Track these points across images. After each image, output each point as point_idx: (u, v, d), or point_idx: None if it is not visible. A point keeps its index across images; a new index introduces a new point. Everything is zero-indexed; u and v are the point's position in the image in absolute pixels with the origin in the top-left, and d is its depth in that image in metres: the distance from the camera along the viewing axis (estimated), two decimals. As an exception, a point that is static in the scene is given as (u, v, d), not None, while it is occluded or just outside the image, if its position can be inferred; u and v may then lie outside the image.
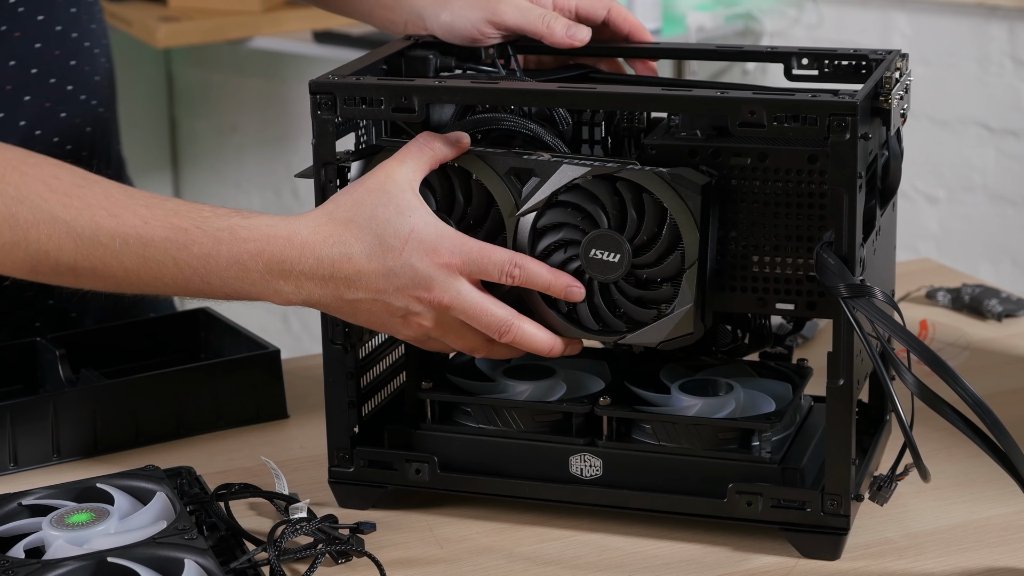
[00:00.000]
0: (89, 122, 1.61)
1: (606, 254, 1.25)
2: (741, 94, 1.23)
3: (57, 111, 1.57)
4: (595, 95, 1.29)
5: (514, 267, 1.25)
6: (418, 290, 1.24)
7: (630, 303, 1.27)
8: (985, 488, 1.37)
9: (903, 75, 1.33)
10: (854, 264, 1.23)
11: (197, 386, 1.53)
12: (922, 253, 3.60)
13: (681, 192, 1.23)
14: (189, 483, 1.35)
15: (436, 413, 1.37)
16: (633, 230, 1.25)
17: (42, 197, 1.26)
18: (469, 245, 1.25)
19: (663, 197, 1.24)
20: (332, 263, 1.24)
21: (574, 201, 1.26)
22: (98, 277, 1.28)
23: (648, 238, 1.25)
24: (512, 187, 1.27)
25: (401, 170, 1.26)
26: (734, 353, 1.41)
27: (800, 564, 1.28)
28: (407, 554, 1.31)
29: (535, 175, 1.27)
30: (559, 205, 1.27)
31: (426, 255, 1.24)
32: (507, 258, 1.25)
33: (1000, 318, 1.78)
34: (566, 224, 1.27)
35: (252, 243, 1.25)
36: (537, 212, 1.27)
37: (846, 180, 1.22)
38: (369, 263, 1.24)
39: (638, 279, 1.27)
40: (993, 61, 3.59)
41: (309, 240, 1.24)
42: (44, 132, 1.56)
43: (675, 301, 1.25)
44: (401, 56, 1.43)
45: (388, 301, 1.25)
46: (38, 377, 1.57)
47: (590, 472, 1.33)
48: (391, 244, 1.24)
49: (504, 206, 1.28)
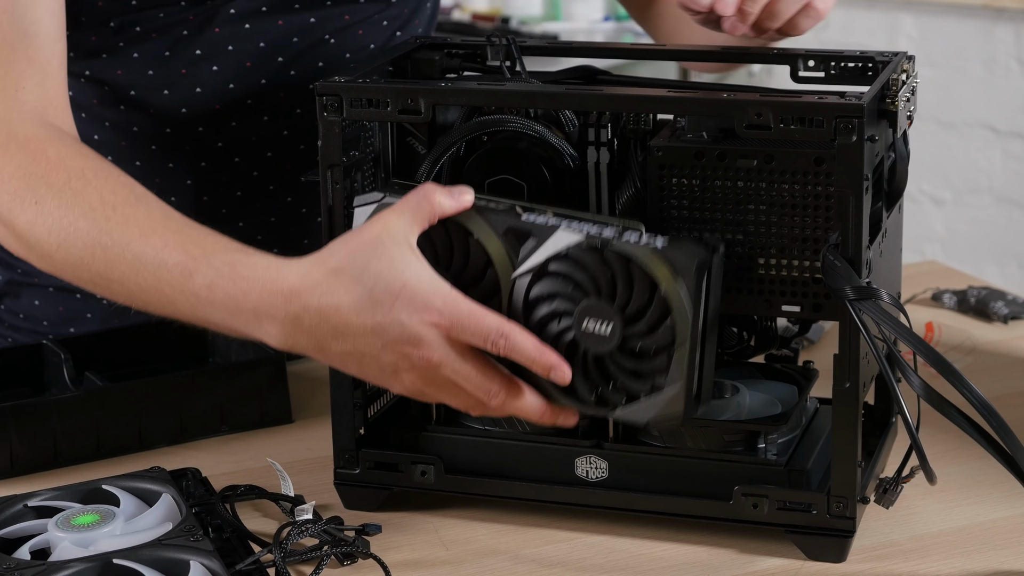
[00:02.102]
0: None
1: (598, 325, 1.20)
2: (748, 96, 1.23)
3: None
4: (601, 97, 1.29)
5: (500, 337, 1.20)
6: (407, 347, 1.20)
7: (624, 375, 1.22)
8: (991, 491, 1.37)
9: (910, 77, 1.33)
10: (860, 266, 1.22)
11: (200, 391, 1.52)
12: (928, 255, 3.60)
13: (674, 271, 1.18)
14: (194, 485, 1.35)
15: (442, 415, 1.37)
16: (624, 299, 1.20)
17: (92, 207, 1.30)
18: (459, 307, 1.20)
19: (656, 273, 1.19)
20: (319, 312, 1.21)
21: (565, 271, 1.21)
22: (124, 292, 1.30)
23: (639, 307, 1.20)
24: (510, 247, 1.23)
25: (399, 223, 1.22)
26: (740, 355, 1.41)
27: (806, 566, 1.28)
28: (413, 556, 1.31)
29: (532, 236, 1.22)
30: (551, 275, 1.22)
31: (416, 312, 1.19)
32: (494, 327, 1.20)
33: (1006, 320, 1.78)
34: (558, 294, 1.22)
35: (245, 282, 1.23)
36: (530, 280, 1.22)
37: (853, 182, 1.21)
38: (357, 317, 1.20)
39: (632, 350, 1.21)
40: (999, 63, 3.59)
41: (297, 286, 1.21)
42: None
43: (666, 377, 1.20)
44: (407, 58, 1.43)
45: (377, 356, 1.21)
46: (45, 380, 1.58)
47: (596, 474, 1.33)
48: (381, 299, 1.20)
49: (500, 267, 1.23)
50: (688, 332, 1.18)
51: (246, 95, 1.59)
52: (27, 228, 1.33)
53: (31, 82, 1.38)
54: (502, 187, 1.35)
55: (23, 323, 1.68)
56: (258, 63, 1.58)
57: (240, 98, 1.59)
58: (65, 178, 1.32)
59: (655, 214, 1.30)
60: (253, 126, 1.61)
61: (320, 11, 1.59)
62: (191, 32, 1.55)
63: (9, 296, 1.69)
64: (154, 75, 1.57)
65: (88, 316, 1.67)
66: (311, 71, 1.60)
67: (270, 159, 1.63)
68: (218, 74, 1.57)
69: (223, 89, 1.58)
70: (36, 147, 1.34)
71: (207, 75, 1.57)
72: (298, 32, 1.58)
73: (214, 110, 1.58)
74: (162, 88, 1.57)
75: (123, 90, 1.58)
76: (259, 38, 1.57)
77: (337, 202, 1.32)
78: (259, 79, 1.59)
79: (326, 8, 1.59)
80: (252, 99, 1.59)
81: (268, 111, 1.60)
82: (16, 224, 1.33)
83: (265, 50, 1.58)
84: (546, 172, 1.35)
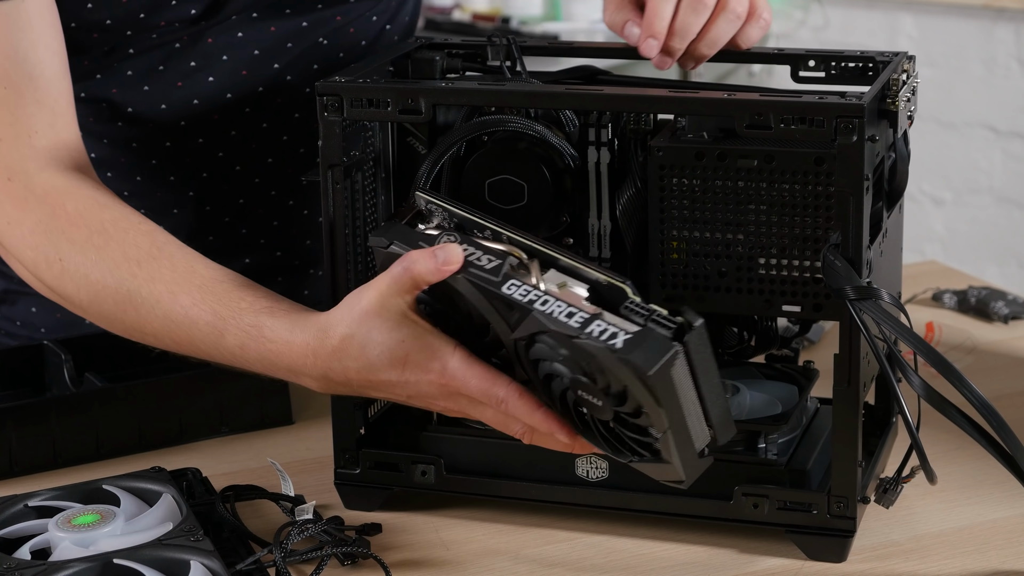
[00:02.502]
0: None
1: (589, 397, 1.17)
2: (748, 96, 1.23)
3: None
4: (602, 97, 1.29)
5: (499, 403, 1.22)
6: (429, 400, 1.25)
7: (628, 440, 1.18)
8: (991, 490, 1.37)
9: (910, 77, 1.33)
10: (861, 266, 1.22)
11: (201, 392, 1.52)
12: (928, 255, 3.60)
13: (636, 374, 1.12)
14: (195, 485, 1.35)
15: (442, 415, 1.37)
16: (603, 384, 1.15)
17: (116, 264, 1.33)
18: (456, 375, 1.22)
19: (619, 376, 1.13)
20: (343, 372, 1.25)
21: (550, 345, 1.18)
22: (162, 343, 1.35)
23: (618, 393, 1.15)
24: (502, 311, 1.19)
25: (389, 294, 1.23)
26: (740, 355, 1.41)
27: (806, 566, 1.28)
28: (413, 556, 1.31)
29: (514, 309, 1.19)
30: (539, 343, 1.18)
31: (424, 374, 1.23)
32: (493, 395, 1.21)
33: (1006, 320, 1.78)
34: (553, 359, 1.18)
35: (273, 344, 1.28)
36: (524, 344, 1.19)
37: (853, 182, 1.21)
38: (376, 375, 1.25)
39: (626, 423, 1.17)
40: (1000, 63, 3.59)
41: (317, 350, 1.26)
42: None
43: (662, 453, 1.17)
44: (407, 58, 1.43)
45: (409, 399, 1.26)
46: (45, 381, 1.57)
47: (596, 474, 1.33)
48: (391, 366, 1.24)
49: (499, 328, 1.21)
50: (667, 423, 1.14)
51: (244, 103, 1.59)
52: (56, 284, 1.36)
53: (42, 125, 1.39)
54: (503, 187, 1.35)
55: (20, 330, 1.68)
56: (254, 70, 1.58)
57: (238, 106, 1.59)
58: (86, 234, 1.34)
59: (655, 214, 1.30)
60: (253, 133, 1.61)
61: (311, 15, 1.58)
62: (184, 45, 1.55)
63: (5, 303, 1.69)
64: (150, 90, 1.57)
65: (86, 323, 1.67)
66: (307, 74, 1.60)
67: (271, 164, 1.63)
68: (214, 84, 1.57)
69: (220, 99, 1.58)
70: (55, 201, 1.36)
71: (203, 86, 1.57)
72: (291, 37, 1.58)
73: (213, 120, 1.58)
74: (159, 103, 1.57)
75: (120, 107, 1.57)
76: (253, 45, 1.57)
77: (338, 202, 1.32)
78: (256, 86, 1.59)
79: (317, 12, 1.58)
80: (250, 106, 1.59)
81: (267, 117, 1.60)
82: (44, 280, 1.37)
83: (260, 57, 1.58)
84: (546, 172, 1.35)
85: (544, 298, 1.17)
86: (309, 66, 1.60)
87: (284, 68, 1.59)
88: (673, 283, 1.31)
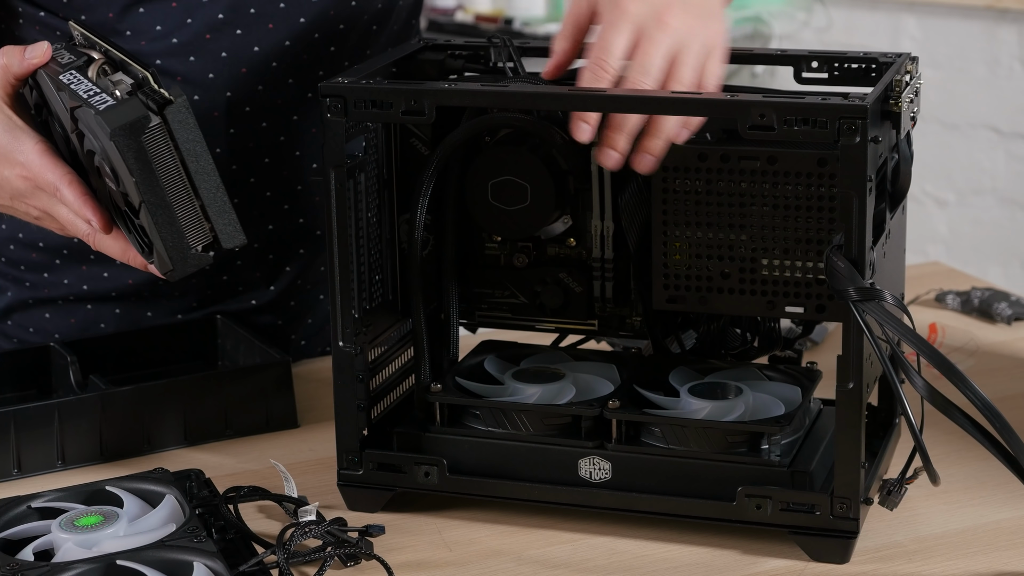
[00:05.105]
0: None
1: (109, 182, 1.27)
2: (751, 97, 1.23)
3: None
4: (605, 98, 1.29)
5: (55, 190, 1.34)
6: (23, 199, 1.37)
7: (136, 231, 1.29)
8: (995, 492, 1.37)
9: (913, 78, 1.33)
10: (864, 267, 1.22)
11: (204, 395, 1.52)
12: (931, 256, 3.60)
13: (109, 134, 1.22)
14: (198, 486, 1.35)
15: (445, 416, 1.38)
16: (108, 162, 1.26)
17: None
18: (31, 163, 1.34)
19: (102, 139, 1.23)
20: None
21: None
22: None
23: (112, 166, 1.26)
24: (67, 103, 1.29)
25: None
26: (743, 356, 1.41)
27: (809, 568, 1.28)
28: (416, 557, 1.31)
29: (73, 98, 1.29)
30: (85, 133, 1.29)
31: (11, 168, 1.36)
32: (51, 180, 1.34)
33: (1009, 321, 1.78)
34: (95, 150, 1.28)
35: None
36: (78, 137, 1.30)
37: (856, 183, 1.21)
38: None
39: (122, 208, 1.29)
40: (1003, 64, 3.59)
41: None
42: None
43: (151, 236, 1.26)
44: (411, 59, 1.43)
45: (12, 200, 1.38)
46: (52, 383, 1.58)
47: (599, 475, 1.33)
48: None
49: (67, 124, 1.31)
50: (139, 195, 1.21)
51: (244, 102, 1.59)
52: None
53: None
54: (506, 188, 1.35)
55: (33, 337, 1.68)
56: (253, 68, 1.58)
57: (238, 105, 1.58)
58: None
59: (658, 215, 1.30)
60: (251, 133, 1.60)
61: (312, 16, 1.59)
62: (182, 41, 1.55)
63: (18, 311, 1.69)
64: None
65: (101, 326, 1.67)
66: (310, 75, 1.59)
67: (267, 165, 1.63)
68: (214, 81, 1.57)
69: (220, 97, 1.58)
70: None
71: (203, 82, 1.57)
72: (293, 38, 1.58)
73: (212, 117, 1.58)
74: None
75: None
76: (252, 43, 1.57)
77: (341, 203, 1.32)
78: (256, 85, 1.58)
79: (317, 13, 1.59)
80: (250, 106, 1.59)
81: (267, 117, 1.60)
82: None
83: (258, 54, 1.57)
84: (549, 173, 1.35)
85: (85, 82, 1.27)
86: (312, 68, 1.60)
87: (285, 70, 1.59)
88: (676, 284, 1.31)
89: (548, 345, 1.49)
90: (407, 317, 1.43)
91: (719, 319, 1.41)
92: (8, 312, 1.69)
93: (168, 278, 1.28)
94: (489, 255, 1.45)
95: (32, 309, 1.68)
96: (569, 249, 1.42)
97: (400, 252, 1.41)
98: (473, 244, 1.45)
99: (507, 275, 1.44)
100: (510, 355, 1.46)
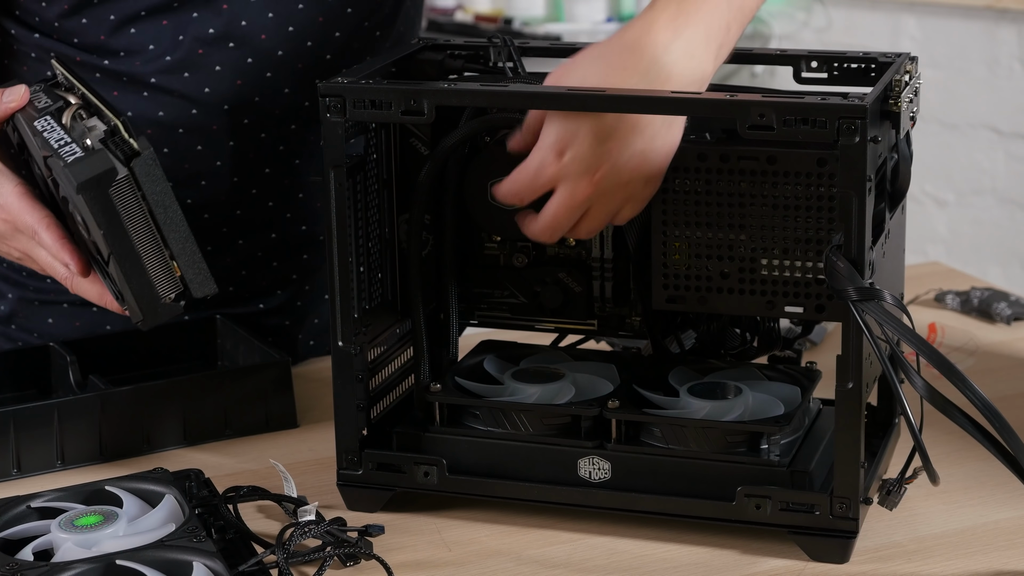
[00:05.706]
0: None
1: (82, 231, 1.29)
2: (750, 97, 1.23)
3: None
4: (605, 98, 1.29)
5: (34, 233, 1.36)
6: (4, 241, 1.40)
7: (109, 281, 1.31)
8: (994, 491, 1.37)
9: (912, 78, 1.33)
10: (863, 267, 1.22)
11: (204, 395, 1.52)
12: (931, 256, 3.60)
13: (76, 188, 1.25)
14: (198, 486, 1.35)
15: (445, 416, 1.38)
16: (79, 213, 1.28)
17: None
18: (11, 207, 1.36)
19: (70, 193, 1.25)
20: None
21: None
22: None
23: (83, 217, 1.28)
24: (43, 148, 1.30)
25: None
26: (743, 356, 1.41)
27: (809, 567, 1.28)
28: (415, 557, 1.31)
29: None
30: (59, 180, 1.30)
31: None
32: (29, 224, 1.36)
33: (1009, 321, 1.78)
34: (68, 197, 1.30)
35: None
36: (53, 183, 1.32)
37: (855, 183, 1.21)
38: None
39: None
40: (1002, 64, 3.59)
41: None
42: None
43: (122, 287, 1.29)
44: (411, 59, 1.43)
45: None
46: (52, 383, 1.58)
47: (599, 475, 1.33)
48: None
49: (43, 170, 1.32)
50: (107, 247, 1.23)
51: (242, 113, 1.59)
52: None
53: None
54: (505, 188, 1.35)
55: (37, 342, 1.68)
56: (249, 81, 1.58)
57: (236, 116, 1.58)
58: None
59: (658, 215, 1.30)
60: (251, 144, 1.60)
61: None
62: (176, 58, 1.55)
63: (21, 315, 1.69)
64: (148, 96, 1.57)
65: (107, 328, 1.66)
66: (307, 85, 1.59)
67: (268, 175, 1.63)
68: (211, 95, 1.57)
69: (217, 111, 1.58)
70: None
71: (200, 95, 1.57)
72: (285, 47, 1.58)
73: (211, 130, 1.58)
74: (156, 110, 1.57)
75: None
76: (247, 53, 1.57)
77: (341, 203, 1.32)
78: (252, 97, 1.58)
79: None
80: (248, 117, 1.59)
81: (266, 127, 1.60)
82: None
83: (253, 65, 1.57)
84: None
85: (58, 130, 1.28)
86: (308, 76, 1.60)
87: (281, 79, 1.59)
88: (675, 284, 1.31)
89: (548, 345, 1.49)
90: (407, 317, 1.43)
91: (718, 319, 1.41)
92: (11, 316, 1.69)
93: (140, 327, 1.30)
94: (488, 255, 1.45)
95: (36, 314, 1.68)
96: (569, 249, 1.42)
97: (400, 252, 1.42)
98: (473, 244, 1.45)
99: (506, 275, 1.45)
100: (509, 355, 1.46)
